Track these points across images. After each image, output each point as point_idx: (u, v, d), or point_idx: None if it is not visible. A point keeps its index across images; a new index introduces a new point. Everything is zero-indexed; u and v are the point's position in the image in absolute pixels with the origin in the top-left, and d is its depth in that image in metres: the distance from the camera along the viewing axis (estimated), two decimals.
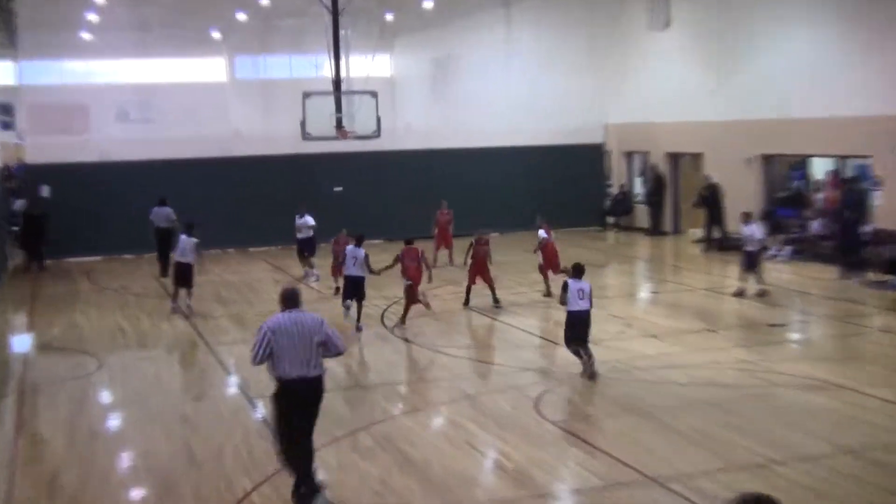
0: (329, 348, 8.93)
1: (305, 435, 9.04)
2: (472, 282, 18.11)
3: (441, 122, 31.38)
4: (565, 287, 13.38)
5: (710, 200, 26.08)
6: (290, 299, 8.98)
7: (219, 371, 14.25)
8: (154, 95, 33.01)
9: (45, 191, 26.35)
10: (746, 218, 19.36)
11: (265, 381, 9.74)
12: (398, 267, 17.32)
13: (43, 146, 28.31)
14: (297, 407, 8.94)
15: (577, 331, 13.32)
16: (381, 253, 20.90)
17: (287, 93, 27.82)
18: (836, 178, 23.94)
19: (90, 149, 28.12)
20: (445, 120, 31.48)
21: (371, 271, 17.18)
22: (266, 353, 8.73)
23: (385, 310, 18.10)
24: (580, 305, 13.19)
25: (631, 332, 15.82)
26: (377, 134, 25.02)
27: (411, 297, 17.09)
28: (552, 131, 30.54)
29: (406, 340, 15.70)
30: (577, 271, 13.38)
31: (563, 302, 13.38)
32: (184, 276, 18.93)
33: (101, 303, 20.45)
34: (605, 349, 14.57)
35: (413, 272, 17.25)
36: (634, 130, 30.85)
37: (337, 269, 19.14)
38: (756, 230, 19.11)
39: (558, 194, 30.24)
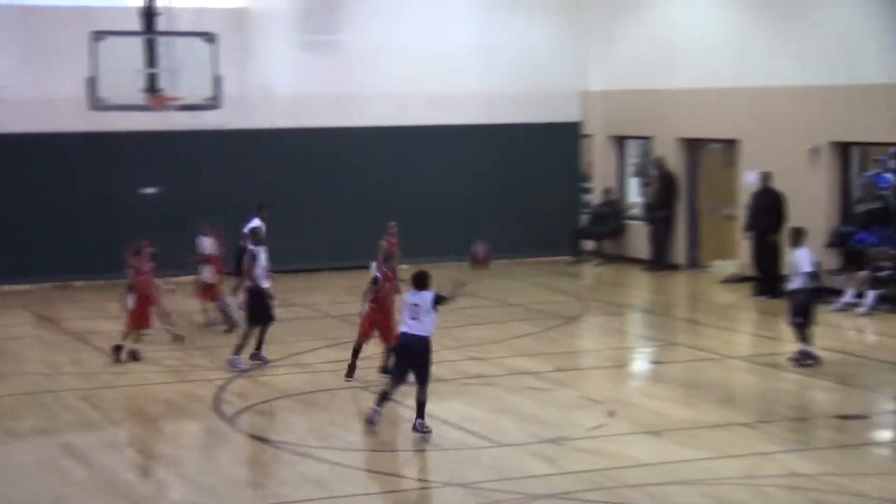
0: None
1: None
2: (365, 336, 17.99)
3: (322, 86, 31.13)
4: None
5: (763, 210, 24.58)
6: None
7: None
8: None
9: None
10: (796, 238, 19.40)
11: None
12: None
13: None
14: None
15: (403, 363, 14.00)
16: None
17: (66, 30, 26.59)
18: None
19: None
20: (329, 82, 31.15)
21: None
22: None
23: (223, 386, 17.71)
24: (409, 326, 13.95)
25: (617, 425, 15.73)
26: (215, 103, 24.48)
27: (138, 321, 18.54)
28: (495, 102, 29.63)
29: (257, 438, 15.22)
30: (417, 281, 14.22)
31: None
32: None
33: None
34: (575, 451, 14.29)
35: (141, 285, 18.76)
36: (629, 102, 29.95)
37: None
38: (805, 257, 19.06)
39: (503, 203, 29.52)
